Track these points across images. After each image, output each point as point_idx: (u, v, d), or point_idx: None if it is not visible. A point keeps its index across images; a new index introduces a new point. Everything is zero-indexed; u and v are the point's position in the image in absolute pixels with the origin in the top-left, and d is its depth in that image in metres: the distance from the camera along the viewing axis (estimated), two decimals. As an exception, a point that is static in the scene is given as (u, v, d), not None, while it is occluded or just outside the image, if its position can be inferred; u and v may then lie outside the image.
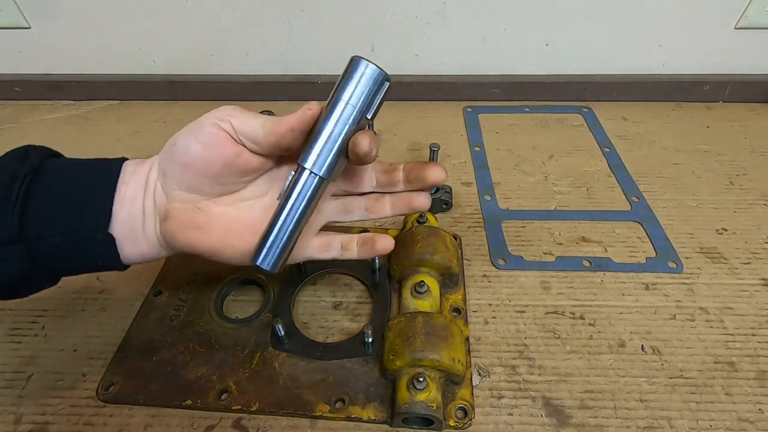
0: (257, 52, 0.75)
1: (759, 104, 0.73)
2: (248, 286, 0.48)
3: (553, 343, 0.42)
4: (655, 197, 0.57)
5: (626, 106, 0.74)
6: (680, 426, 0.37)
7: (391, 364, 0.37)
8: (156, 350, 0.41)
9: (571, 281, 0.48)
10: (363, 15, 0.70)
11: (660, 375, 0.40)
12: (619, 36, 0.71)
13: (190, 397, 0.38)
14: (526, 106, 0.75)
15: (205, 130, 0.32)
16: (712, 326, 0.44)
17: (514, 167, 0.63)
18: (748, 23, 0.69)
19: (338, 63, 0.33)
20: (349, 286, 0.48)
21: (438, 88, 0.75)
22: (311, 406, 0.37)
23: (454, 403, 0.37)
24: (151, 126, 0.71)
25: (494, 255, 0.50)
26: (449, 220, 0.55)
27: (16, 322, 0.44)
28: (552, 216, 0.55)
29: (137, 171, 0.34)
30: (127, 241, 0.33)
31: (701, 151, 0.65)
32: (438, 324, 0.38)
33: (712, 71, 0.74)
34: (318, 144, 0.31)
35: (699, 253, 0.50)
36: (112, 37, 0.74)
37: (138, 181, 0.33)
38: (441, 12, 0.69)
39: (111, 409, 0.38)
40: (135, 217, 0.33)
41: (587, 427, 0.37)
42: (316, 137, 0.31)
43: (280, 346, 0.41)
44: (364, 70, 0.31)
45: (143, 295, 0.46)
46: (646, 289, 0.47)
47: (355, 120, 0.31)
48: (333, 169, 0.32)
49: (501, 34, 0.72)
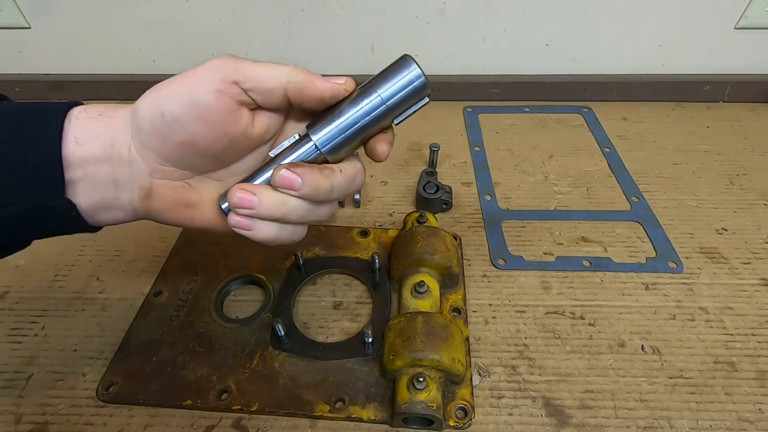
0: (257, 52, 0.75)
1: (759, 104, 0.73)
2: (248, 286, 0.48)
3: (553, 343, 0.42)
4: (655, 197, 0.57)
5: (626, 106, 0.74)
6: (680, 426, 0.37)
7: (391, 364, 0.37)
8: (156, 350, 0.41)
9: (571, 281, 0.48)
10: (363, 15, 0.70)
11: (660, 375, 0.40)
12: (619, 36, 0.71)
13: (190, 397, 0.38)
14: (526, 106, 0.75)
15: (206, 101, 0.27)
16: (712, 326, 0.44)
17: (514, 167, 0.63)
18: (748, 23, 0.69)
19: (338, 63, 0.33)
20: (349, 286, 0.48)
21: (438, 88, 0.75)
22: (311, 406, 0.37)
23: (454, 403, 0.37)
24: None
25: (494, 255, 0.50)
26: (449, 220, 0.55)
27: (16, 322, 0.44)
28: (552, 216, 0.55)
29: (96, 129, 0.28)
30: (98, 210, 0.29)
31: (701, 151, 0.65)
32: (438, 324, 0.38)
33: (712, 71, 0.74)
34: (334, 124, 0.30)
35: (699, 253, 0.50)
36: (112, 36, 0.74)
37: (100, 144, 0.28)
38: (441, 12, 0.69)
39: (111, 409, 0.38)
40: (103, 185, 0.29)
41: (587, 427, 0.37)
42: (336, 117, 0.30)
43: (280, 346, 0.41)
44: (410, 72, 0.29)
45: (143, 295, 0.46)
46: (646, 289, 0.47)
47: (380, 118, 0.30)
48: (337, 152, 0.31)
49: (501, 34, 0.72)
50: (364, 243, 0.51)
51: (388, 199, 0.58)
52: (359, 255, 0.49)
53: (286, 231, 0.31)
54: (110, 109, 0.29)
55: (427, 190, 0.54)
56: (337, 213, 0.56)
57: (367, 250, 0.50)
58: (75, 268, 0.49)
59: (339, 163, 0.32)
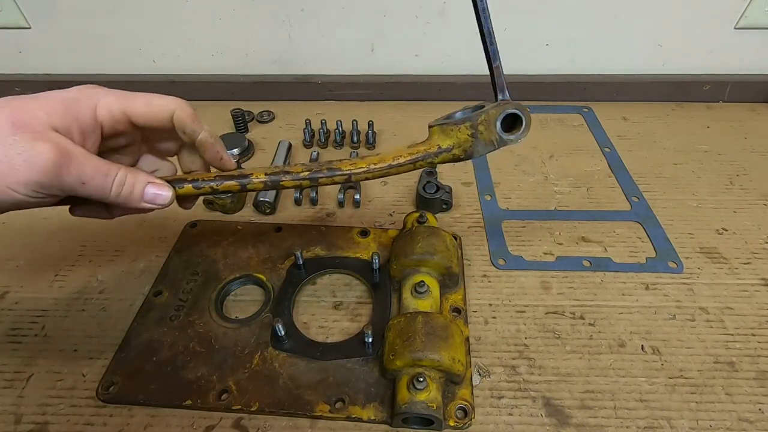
0: (257, 52, 0.75)
1: (759, 104, 0.73)
2: (248, 286, 0.48)
3: (553, 343, 0.42)
4: (655, 197, 0.57)
5: (626, 106, 0.74)
6: (680, 426, 0.37)
7: (391, 364, 0.37)
8: (156, 350, 0.41)
9: (571, 281, 0.48)
10: (363, 15, 0.70)
11: (660, 375, 0.40)
12: (619, 36, 0.71)
13: (190, 397, 0.38)
14: (526, 106, 0.74)
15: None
16: (712, 326, 0.44)
17: (514, 167, 0.63)
18: (748, 23, 0.69)
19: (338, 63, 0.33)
20: (349, 286, 0.48)
21: (438, 88, 0.75)
22: (311, 406, 0.37)
23: (454, 403, 0.37)
24: (151, 126, 0.71)
25: (494, 255, 0.50)
26: (449, 220, 0.55)
27: (16, 322, 0.44)
28: (552, 216, 0.55)
29: None
30: None
31: (701, 151, 0.65)
32: (438, 324, 0.38)
33: (712, 71, 0.74)
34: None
35: (699, 253, 0.50)
36: (112, 37, 0.74)
37: None
38: (441, 12, 0.69)
39: (111, 409, 0.38)
40: None
41: (587, 427, 0.37)
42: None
43: (280, 346, 0.41)
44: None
45: (143, 295, 0.46)
46: (646, 289, 0.47)
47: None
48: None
49: (501, 34, 0.71)
50: (364, 243, 0.51)
51: (388, 199, 0.58)
52: (359, 255, 0.49)
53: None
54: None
55: (427, 190, 0.54)
56: (337, 213, 0.56)
57: (367, 250, 0.50)
58: (75, 268, 0.49)
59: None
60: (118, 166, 0.32)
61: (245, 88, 0.76)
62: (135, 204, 0.33)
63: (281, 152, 0.63)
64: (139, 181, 0.33)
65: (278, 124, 0.72)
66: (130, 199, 0.33)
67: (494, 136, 0.36)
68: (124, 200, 0.32)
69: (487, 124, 0.36)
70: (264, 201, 0.54)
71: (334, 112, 0.71)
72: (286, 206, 0.57)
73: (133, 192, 0.33)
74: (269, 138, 0.69)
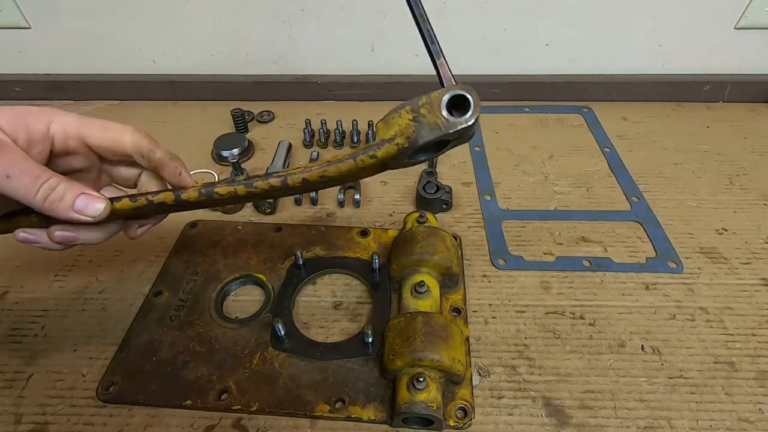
0: (257, 52, 0.75)
1: (759, 104, 0.73)
2: (248, 286, 0.48)
3: (553, 343, 0.42)
4: (655, 197, 0.57)
5: (626, 106, 0.74)
6: (680, 426, 0.37)
7: (391, 364, 0.37)
8: (156, 350, 0.41)
9: (571, 281, 0.48)
10: (363, 15, 0.70)
11: (660, 375, 0.40)
12: (619, 36, 0.71)
13: (190, 397, 0.38)
14: (526, 106, 0.75)
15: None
16: (712, 326, 0.44)
17: (514, 167, 0.63)
18: (748, 23, 0.69)
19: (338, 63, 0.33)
20: (349, 286, 0.48)
21: (437, 89, 0.75)
22: (311, 406, 0.37)
23: (454, 403, 0.37)
24: (151, 126, 0.71)
25: (494, 255, 0.50)
26: (449, 220, 0.55)
27: (16, 322, 0.44)
28: (552, 216, 0.55)
29: None
30: None
31: (701, 151, 0.65)
32: (438, 324, 0.38)
33: (712, 71, 0.74)
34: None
35: (699, 253, 0.50)
36: (112, 37, 0.74)
37: None
38: (441, 12, 0.69)
39: (111, 409, 0.38)
40: None
41: (587, 427, 0.37)
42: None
43: (280, 346, 0.41)
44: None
45: (143, 295, 0.46)
46: (646, 289, 0.47)
47: None
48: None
49: (501, 34, 0.72)
50: (364, 243, 0.51)
51: (388, 199, 0.58)
52: (359, 255, 0.49)
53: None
54: None
55: (427, 190, 0.54)
56: (337, 213, 0.56)
57: (367, 250, 0.50)
58: (75, 268, 0.49)
59: None
60: (54, 174, 0.31)
61: (245, 88, 0.76)
62: (64, 213, 0.32)
63: (281, 152, 0.63)
64: (71, 189, 0.32)
65: (278, 124, 0.72)
66: (58, 207, 0.31)
67: (439, 120, 0.33)
68: (51, 207, 0.31)
69: (430, 107, 0.34)
70: (264, 201, 0.54)
71: (334, 112, 0.71)
72: (286, 206, 0.57)
73: (63, 199, 0.31)
74: (269, 138, 0.69)
